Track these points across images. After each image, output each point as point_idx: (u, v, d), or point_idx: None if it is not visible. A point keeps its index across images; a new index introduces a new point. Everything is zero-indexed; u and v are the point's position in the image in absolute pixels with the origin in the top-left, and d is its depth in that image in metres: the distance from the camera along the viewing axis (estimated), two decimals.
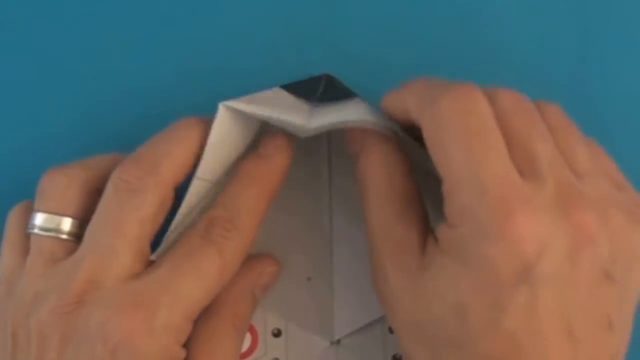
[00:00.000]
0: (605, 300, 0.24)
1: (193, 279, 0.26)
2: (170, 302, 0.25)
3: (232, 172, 0.28)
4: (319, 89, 0.29)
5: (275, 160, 0.28)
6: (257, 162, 0.28)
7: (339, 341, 0.31)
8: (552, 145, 0.24)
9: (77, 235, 0.27)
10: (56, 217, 0.27)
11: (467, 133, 0.24)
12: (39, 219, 0.27)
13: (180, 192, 0.27)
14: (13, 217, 0.29)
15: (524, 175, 0.24)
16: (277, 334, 0.31)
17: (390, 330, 0.31)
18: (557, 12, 0.32)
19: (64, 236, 0.27)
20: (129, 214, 0.26)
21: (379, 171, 0.27)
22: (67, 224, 0.27)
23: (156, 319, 0.25)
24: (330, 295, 0.31)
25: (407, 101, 0.26)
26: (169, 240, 0.27)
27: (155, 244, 0.27)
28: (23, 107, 0.32)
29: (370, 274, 0.27)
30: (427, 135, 0.24)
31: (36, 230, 0.27)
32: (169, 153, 0.27)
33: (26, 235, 0.28)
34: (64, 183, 0.27)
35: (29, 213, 0.28)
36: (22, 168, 0.32)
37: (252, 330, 0.31)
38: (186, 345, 0.27)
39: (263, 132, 0.29)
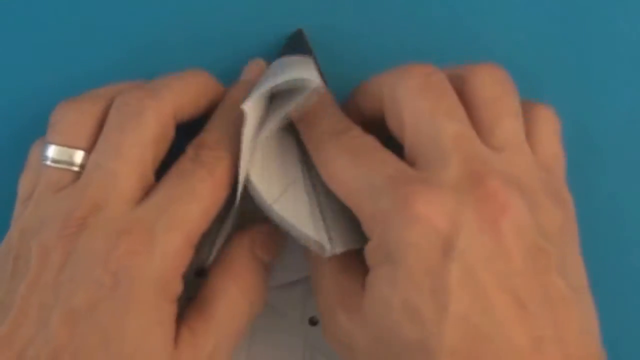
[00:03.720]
0: (545, 270, 0.23)
1: (188, 201, 0.26)
2: (167, 227, 0.25)
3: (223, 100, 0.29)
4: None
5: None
6: (243, 89, 0.29)
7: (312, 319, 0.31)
8: (460, 121, 0.25)
9: None
10: (68, 150, 0.27)
11: (350, 151, 0.26)
12: (51, 151, 0.27)
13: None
14: (35, 149, 0.29)
15: (427, 161, 0.24)
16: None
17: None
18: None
19: (76, 168, 0.27)
20: (129, 135, 0.26)
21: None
22: (78, 156, 0.27)
23: (155, 244, 0.25)
24: None
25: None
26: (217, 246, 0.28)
27: None
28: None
29: (323, 329, 0.27)
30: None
31: (48, 162, 0.27)
32: (171, 85, 0.28)
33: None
34: (74, 116, 0.28)
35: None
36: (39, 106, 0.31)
37: None
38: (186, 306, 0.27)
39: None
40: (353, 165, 0.25)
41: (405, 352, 0.23)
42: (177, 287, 0.26)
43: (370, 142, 0.26)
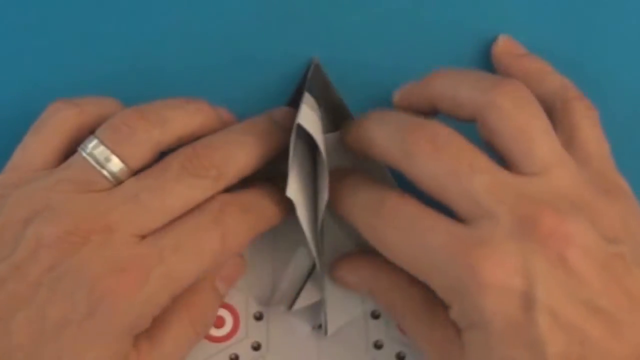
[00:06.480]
0: (624, 273, 0.23)
1: (190, 260, 0.26)
2: (161, 278, 0.25)
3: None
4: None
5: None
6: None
7: (320, 326, 0.31)
8: (486, 169, 0.24)
9: (120, 182, 0.26)
10: (116, 160, 0.26)
11: (394, 228, 0.25)
12: (98, 150, 0.26)
13: None
14: (60, 119, 0.28)
15: (475, 218, 0.24)
16: (258, 317, 0.31)
17: (373, 315, 0.31)
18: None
19: (110, 177, 0.26)
20: (181, 190, 0.26)
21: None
22: (121, 171, 0.26)
23: (144, 289, 0.24)
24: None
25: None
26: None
27: None
28: None
29: None
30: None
31: (87, 156, 0.26)
32: (235, 157, 0.27)
33: (66, 144, 0.27)
34: (141, 135, 0.27)
35: (78, 123, 0.28)
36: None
37: (233, 312, 0.31)
38: None
39: None
40: (405, 242, 0.25)
41: None
42: (145, 326, 0.26)
43: (409, 208, 0.25)
